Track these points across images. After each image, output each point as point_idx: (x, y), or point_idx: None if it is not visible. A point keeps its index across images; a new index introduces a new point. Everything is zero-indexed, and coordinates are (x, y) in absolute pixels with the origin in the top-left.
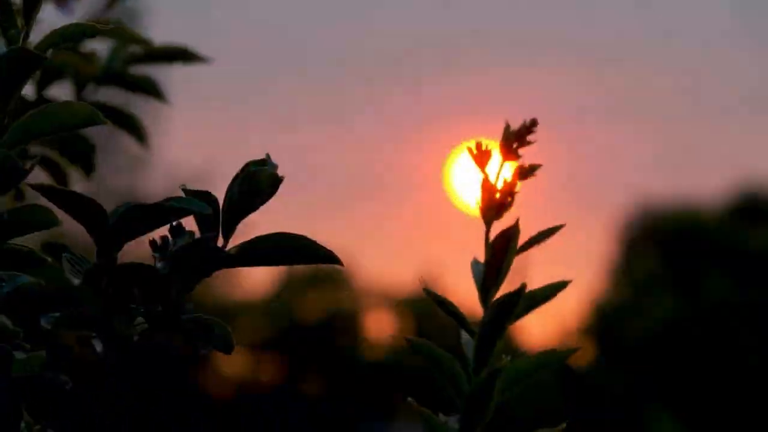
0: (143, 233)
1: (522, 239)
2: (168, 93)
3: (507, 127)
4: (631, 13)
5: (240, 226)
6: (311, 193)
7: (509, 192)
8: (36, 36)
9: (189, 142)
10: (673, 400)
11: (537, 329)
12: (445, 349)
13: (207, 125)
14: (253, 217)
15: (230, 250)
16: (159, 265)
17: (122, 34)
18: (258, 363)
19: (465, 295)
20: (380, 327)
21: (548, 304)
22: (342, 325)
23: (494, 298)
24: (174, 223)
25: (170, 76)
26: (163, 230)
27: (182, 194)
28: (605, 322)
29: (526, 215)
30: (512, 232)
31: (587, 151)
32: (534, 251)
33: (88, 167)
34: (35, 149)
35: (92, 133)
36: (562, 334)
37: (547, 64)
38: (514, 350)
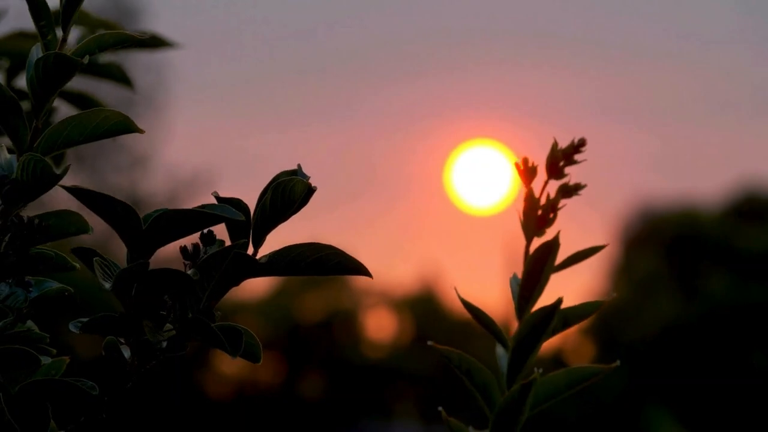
0: (176, 239)
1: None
2: (168, 93)
3: (555, 145)
4: (632, 14)
5: None
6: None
7: (552, 209)
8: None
9: (189, 142)
10: (673, 400)
11: None
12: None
13: (207, 125)
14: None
15: (260, 258)
16: (190, 271)
17: (92, 22)
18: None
19: (464, 294)
20: (380, 327)
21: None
22: (342, 325)
23: (530, 312)
24: (205, 231)
25: (170, 76)
26: (194, 237)
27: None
28: (606, 322)
29: None
30: (551, 247)
31: (587, 151)
32: None
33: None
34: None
35: None
36: (562, 335)
37: (548, 65)
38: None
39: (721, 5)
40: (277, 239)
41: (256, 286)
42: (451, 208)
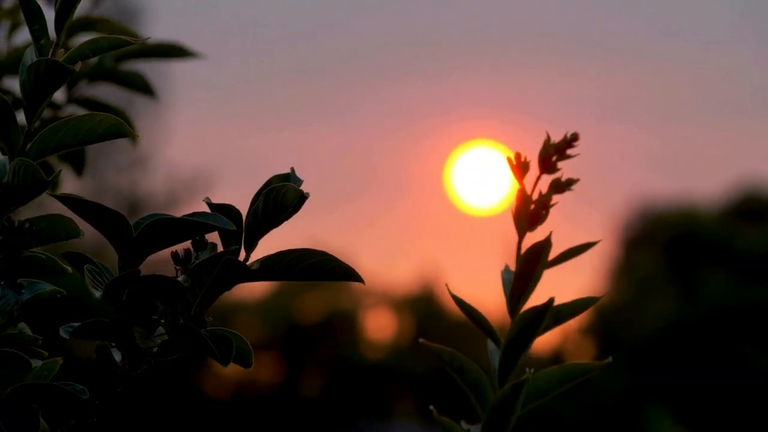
0: (167, 246)
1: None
2: (168, 93)
3: (547, 139)
4: (632, 14)
5: None
6: (311, 193)
7: (544, 204)
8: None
9: (189, 142)
10: (672, 400)
11: None
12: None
13: (207, 125)
14: None
15: (252, 264)
16: (181, 277)
17: (114, 30)
18: (257, 363)
19: (465, 294)
20: (380, 327)
21: None
22: (342, 325)
23: (522, 310)
24: (197, 237)
25: (170, 76)
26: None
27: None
28: (605, 322)
29: None
30: (544, 245)
31: (587, 151)
32: None
33: (79, 165)
34: None
35: None
36: (562, 334)
37: (548, 65)
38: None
39: (721, 5)
40: (277, 239)
41: (256, 287)
42: (451, 208)
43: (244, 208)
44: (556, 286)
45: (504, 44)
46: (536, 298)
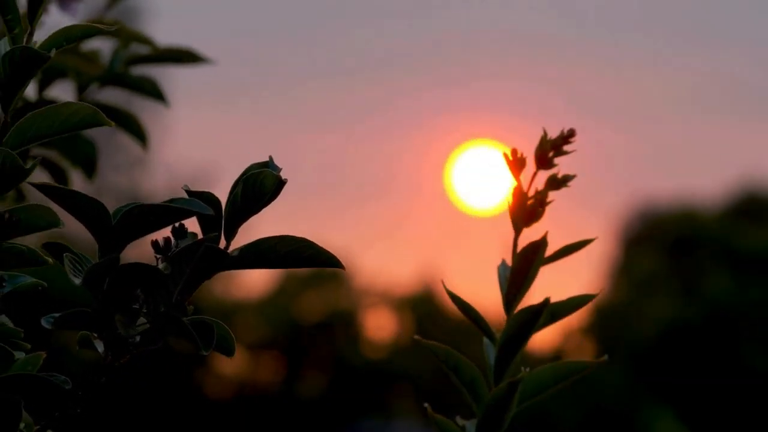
0: (146, 233)
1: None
2: (169, 93)
3: (544, 135)
4: (632, 14)
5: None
6: (312, 193)
7: (541, 201)
8: (38, 37)
9: (189, 141)
10: (673, 400)
11: None
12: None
13: (208, 125)
14: (256, 215)
15: (232, 252)
16: (161, 266)
17: (126, 35)
18: (257, 363)
19: (465, 294)
20: (380, 327)
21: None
22: (342, 325)
23: (518, 307)
24: (177, 224)
25: (172, 75)
26: (166, 231)
27: (184, 194)
28: (605, 322)
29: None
30: (541, 243)
31: (587, 151)
32: None
33: (90, 168)
34: (36, 150)
35: (93, 131)
36: (562, 334)
37: (549, 64)
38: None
39: (722, 5)
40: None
41: (256, 286)
42: (451, 209)
43: None
44: (555, 285)
45: (504, 44)
46: (535, 296)
